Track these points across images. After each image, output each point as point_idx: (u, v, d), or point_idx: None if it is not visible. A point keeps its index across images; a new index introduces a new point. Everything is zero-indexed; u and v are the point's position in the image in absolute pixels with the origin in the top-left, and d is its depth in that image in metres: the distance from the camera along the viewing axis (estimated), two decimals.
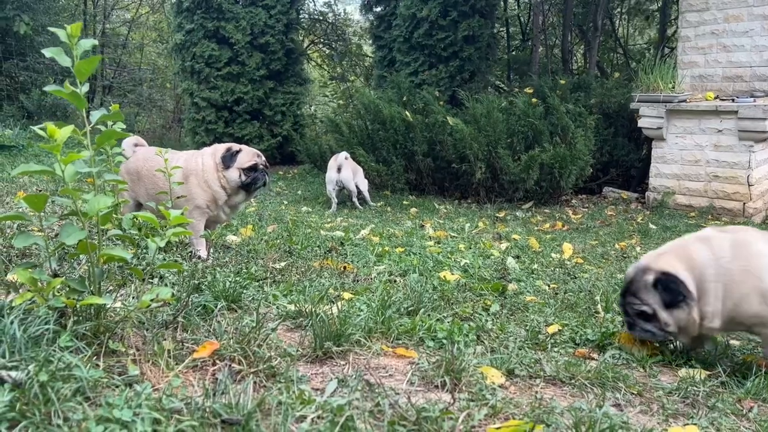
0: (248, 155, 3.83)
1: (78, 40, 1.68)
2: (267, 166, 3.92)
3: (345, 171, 7.91)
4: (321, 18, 17.85)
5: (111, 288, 2.56)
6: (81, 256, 2.60)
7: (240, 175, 3.78)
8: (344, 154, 8.08)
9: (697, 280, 2.54)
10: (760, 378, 2.38)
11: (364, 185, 8.30)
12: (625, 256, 5.31)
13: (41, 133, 1.71)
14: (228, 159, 3.77)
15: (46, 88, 1.72)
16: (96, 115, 1.80)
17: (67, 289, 1.89)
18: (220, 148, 3.87)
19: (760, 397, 2.27)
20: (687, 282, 2.55)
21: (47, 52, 1.67)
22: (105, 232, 2.11)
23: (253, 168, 3.80)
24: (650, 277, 2.58)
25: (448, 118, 8.71)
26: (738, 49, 8.25)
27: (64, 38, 1.72)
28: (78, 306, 1.85)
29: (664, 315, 2.56)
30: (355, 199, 8.16)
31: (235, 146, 3.87)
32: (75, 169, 1.74)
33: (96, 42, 1.76)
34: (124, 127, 3.09)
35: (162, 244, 1.94)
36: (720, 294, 2.55)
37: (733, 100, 7.91)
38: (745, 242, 2.65)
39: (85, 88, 1.76)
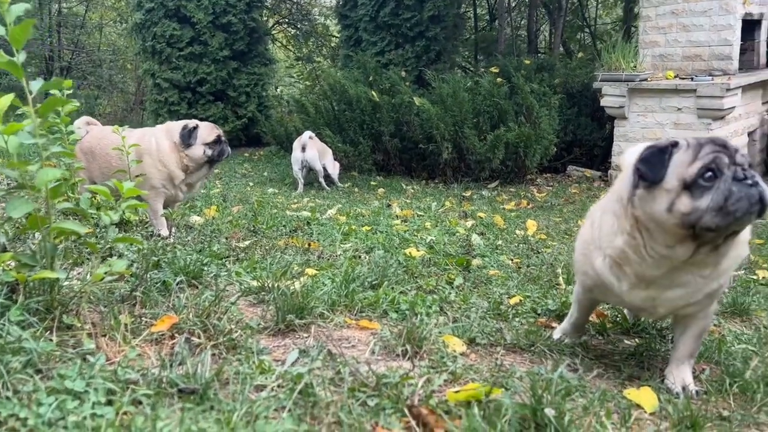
0: (208, 129, 3.77)
1: (9, 5, 1.61)
2: (224, 136, 3.90)
3: (310, 150, 7.85)
4: None
5: (66, 266, 2.50)
6: (35, 234, 2.53)
7: (205, 151, 3.72)
8: (308, 133, 8.00)
9: None
10: (713, 343, 2.46)
11: (333, 167, 8.25)
12: None
13: None
14: (187, 137, 3.69)
15: None
16: (36, 84, 1.73)
17: (18, 263, 1.84)
18: (174, 127, 3.78)
19: (713, 360, 2.34)
20: None
21: None
22: (56, 207, 2.04)
23: (217, 141, 3.75)
24: None
25: (414, 98, 8.68)
26: (697, 28, 8.39)
27: None
28: (30, 281, 1.80)
29: None
30: (321, 180, 8.11)
31: (191, 122, 3.79)
32: (19, 140, 1.68)
33: (29, 5, 1.69)
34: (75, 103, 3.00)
35: (116, 217, 1.90)
36: None
37: (692, 78, 8.07)
38: None
39: (23, 56, 1.69)
